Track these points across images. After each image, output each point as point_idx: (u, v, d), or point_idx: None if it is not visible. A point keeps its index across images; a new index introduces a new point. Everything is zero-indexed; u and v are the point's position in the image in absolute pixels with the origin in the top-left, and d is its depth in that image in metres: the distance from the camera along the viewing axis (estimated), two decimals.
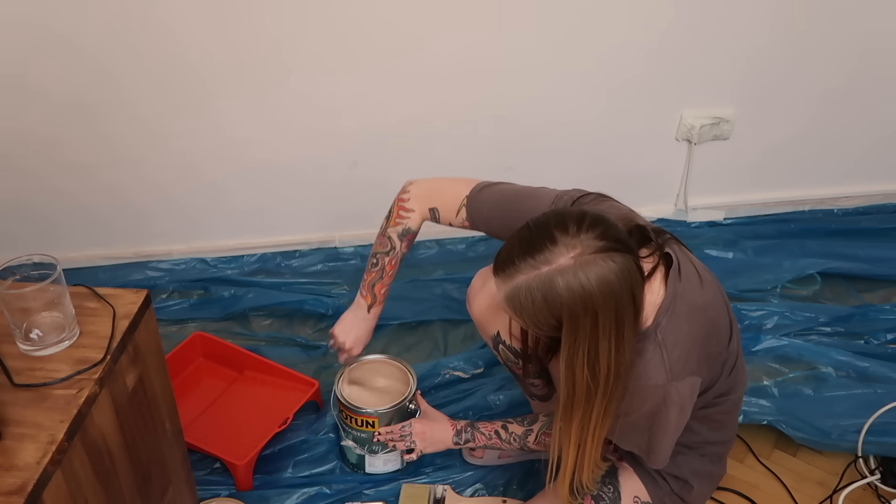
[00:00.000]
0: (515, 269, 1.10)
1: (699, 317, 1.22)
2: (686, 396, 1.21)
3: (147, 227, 2.20)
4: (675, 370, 1.18)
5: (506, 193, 1.39)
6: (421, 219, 1.48)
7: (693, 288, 1.22)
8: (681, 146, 2.29)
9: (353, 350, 1.58)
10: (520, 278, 1.09)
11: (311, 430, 1.77)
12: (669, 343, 1.18)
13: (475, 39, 2.00)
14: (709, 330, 1.23)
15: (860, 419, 1.72)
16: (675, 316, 1.19)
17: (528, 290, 1.09)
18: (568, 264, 1.07)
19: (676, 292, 1.20)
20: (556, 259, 1.07)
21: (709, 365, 1.25)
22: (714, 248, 2.28)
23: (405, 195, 1.49)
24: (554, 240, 1.08)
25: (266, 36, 1.92)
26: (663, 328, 1.18)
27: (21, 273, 1.03)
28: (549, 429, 1.43)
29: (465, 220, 1.43)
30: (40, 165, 2.03)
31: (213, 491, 1.63)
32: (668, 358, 1.17)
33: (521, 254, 1.10)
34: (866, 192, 2.45)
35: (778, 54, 2.14)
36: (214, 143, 2.08)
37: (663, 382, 1.18)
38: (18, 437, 0.93)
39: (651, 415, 1.21)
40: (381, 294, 1.53)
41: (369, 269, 1.52)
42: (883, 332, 2.01)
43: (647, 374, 1.18)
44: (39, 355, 1.04)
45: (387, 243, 1.49)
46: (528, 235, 1.11)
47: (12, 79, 1.88)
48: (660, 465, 1.30)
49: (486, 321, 1.54)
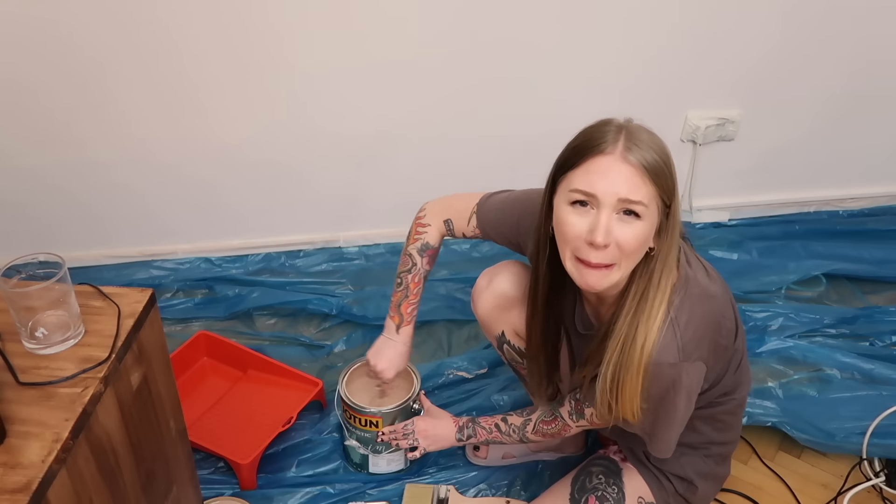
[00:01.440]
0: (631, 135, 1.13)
1: (709, 303, 1.22)
2: (694, 382, 1.20)
3: (152, 226, 2.21)
4: (687, 350, 1.17)
5: (512, 196, 1.43)
6: (438, 233, 1.50)
7: (702, 276, 1.24)
8: (686, 147, 2.29)
9: (385, 373, 1.54)
10: (641, 143, 1.11)
11: (315, 429, 1.77)
12: (682, 322, 1.18)
13: (480, 42, 2.00)
14: (718, 320, 1.23)
15: (865, 421, 1.72)
16: (688, 297, 1.19)
17: (651, 147, 1.12)
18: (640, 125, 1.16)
19: (688, 276, 1.21)
20: (631, 124, 1.16)
21: (716, 355, 1.24)
22: (719, 249, 2.28)
23: (422, 213, 1.52)
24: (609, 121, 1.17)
25: (272, 37, 1.92)
26: (676, 307, 1.18)
27: (26, 272, 1.03)
28: (547, 417, 1.42)
29: (476, 228, 1.46)
30: (45, 164, 2.04)
31: (216, 490, 1.64)
32: (681, 337, 1.17)
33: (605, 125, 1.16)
34: (872, 194, 2.44)
35: (784, 55, 2.14)
36: (219, 143, 2.08)
37: (675, 361, 1.17)
38: (23, 435, 0.93)
39: (660, 398, 1.20)
40: (408, 313, 1.52)
41: (395, 291, 1.53)
42: (888, 334, 2.00)
43: (659, 352, 1.17)
44: (44, 354, 1.04)
45: (408, 261, 1.51)
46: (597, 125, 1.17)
47: (12, 77, 1.89)
48: (664, 453, 1.28)
49: (491, 321, 1.54)
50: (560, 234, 1.16)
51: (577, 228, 1.12)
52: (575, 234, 1.13)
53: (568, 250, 1.16)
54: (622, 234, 1.10)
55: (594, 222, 1.10)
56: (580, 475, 1.49)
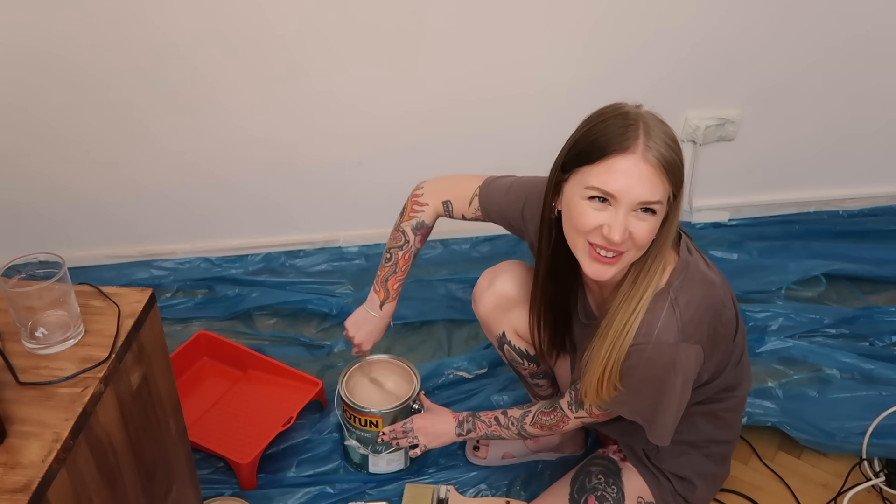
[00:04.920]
0: (646, 127, 1.13)
1: (709, 289, 1.23)
2: (691, 365, 1.20)
3: (152, 226, 2.21)
4: (686, 331, 1.18)
5: (518, 181, 1.43)
6: (434, 213, 1.49)
7: (702, 263, 1.25)
8: (686, 147, 2.29)
9: (363, 346, 1.58)
10: (653, 133, 1.12)
11: (315, 429, 1.77)
12: (682, 303, 1.19)
13: (481, 40, 2.00)
14: (717, 306, 1.23)
15: (865, 421, 1.72)
16: (689, 280, 1.21)
17: (663, 136, 1.12)
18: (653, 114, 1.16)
19: (688, 261, 1.22)
20: (640, 110, 1.17)
21: (715, 343, 1.24)
22: (719, 249, 2.28)
23: (419, 191, 1.51)
24: (617, 104, 1.17)
25: (272, 35, 1.92)
26: (676, 288, 1.20)
27: (26, 271, 1.03)
28: (546, 408, 1.42)
29: (478, 210, 1.45)
30: (45, 164, 2.04)
31: (216, 490, 1.64)
32: (681, 317, 1.18)
33: (618, 116, 1.15)
34: (872, 194, 2.44)
35: (783, 55, 2.14)
36: (219, 142, 2.08)
37: (674, 341, 1.18)
38: (23, 435, 0.93)
39: (658, 379, 1.20)
40: (394, 289, 1.53)
41: (382, 265, 1.53)
42: (888, 334, 2.00)
43: (658, 331, 1.18)
44: (44, 354, 1.04)
45: (400, 237, 1.50)
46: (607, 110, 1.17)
47: (12, 76, 1.89)
48: (662, 440, 1.28)
49: (492, 321, 1.54)
50: (573, 224, 1.17)
51: (593, 221, 1.13)
52: (590, 228, 1.14)
53: (580, 240, 1.17)
54: (637, 229, 1.13)
55: (612, 220, 1.12)
56: (579, 475, 1.49)
